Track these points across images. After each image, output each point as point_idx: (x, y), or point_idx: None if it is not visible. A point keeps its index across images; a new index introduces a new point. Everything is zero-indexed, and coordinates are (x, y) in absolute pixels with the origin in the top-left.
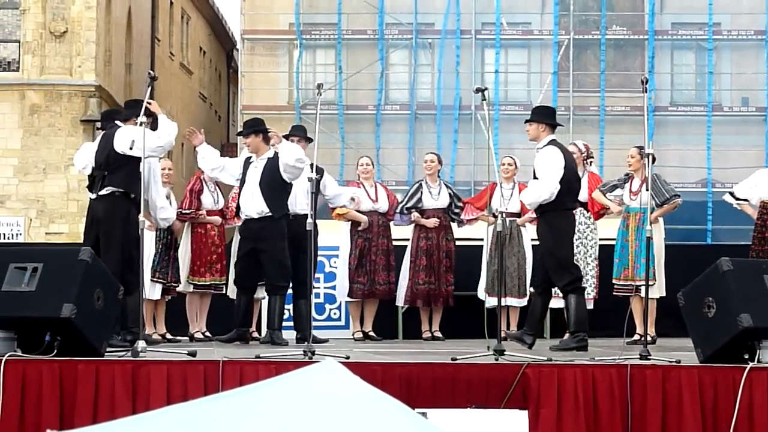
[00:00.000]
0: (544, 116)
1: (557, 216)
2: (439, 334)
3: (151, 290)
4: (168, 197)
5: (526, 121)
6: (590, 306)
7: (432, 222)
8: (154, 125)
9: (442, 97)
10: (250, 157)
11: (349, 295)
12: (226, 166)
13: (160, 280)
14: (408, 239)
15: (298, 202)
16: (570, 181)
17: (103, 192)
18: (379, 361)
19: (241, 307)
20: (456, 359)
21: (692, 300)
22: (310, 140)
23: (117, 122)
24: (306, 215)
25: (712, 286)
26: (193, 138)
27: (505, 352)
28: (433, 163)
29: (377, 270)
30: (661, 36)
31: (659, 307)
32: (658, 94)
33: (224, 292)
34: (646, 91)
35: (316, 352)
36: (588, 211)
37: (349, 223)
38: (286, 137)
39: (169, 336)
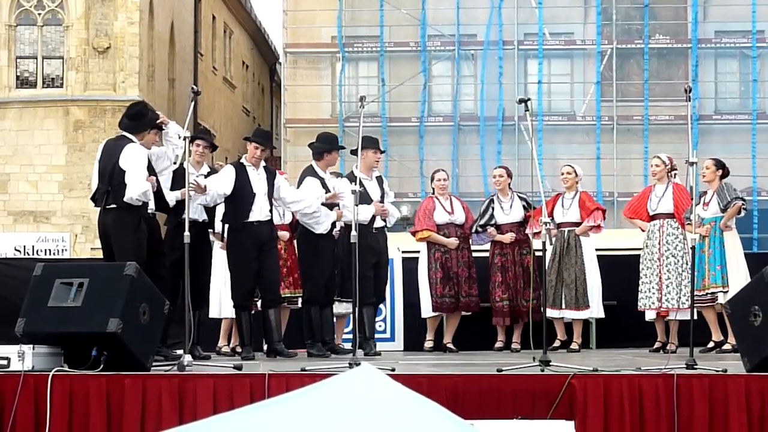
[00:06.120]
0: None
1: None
2: (517, 346)
3: (229, 308)
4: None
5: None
6: (687, 317)
7: (508, 237)
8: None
9: (485, 108)
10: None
11: (434, 309)
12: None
13: None
14: (489, 250)
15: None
16: None
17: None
18: (425, 372)
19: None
20: (501, 370)
21: (739, 309)
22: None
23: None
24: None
25: (758, 294)
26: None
27: (551, 363)
28: (501, 178)
29: (460, 282)
30: (705, 44)
31: None
32: (702, 102)
33: (298, 305)
34: (689, 100)
35: (361, 365)
36: (676, 222)
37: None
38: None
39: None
